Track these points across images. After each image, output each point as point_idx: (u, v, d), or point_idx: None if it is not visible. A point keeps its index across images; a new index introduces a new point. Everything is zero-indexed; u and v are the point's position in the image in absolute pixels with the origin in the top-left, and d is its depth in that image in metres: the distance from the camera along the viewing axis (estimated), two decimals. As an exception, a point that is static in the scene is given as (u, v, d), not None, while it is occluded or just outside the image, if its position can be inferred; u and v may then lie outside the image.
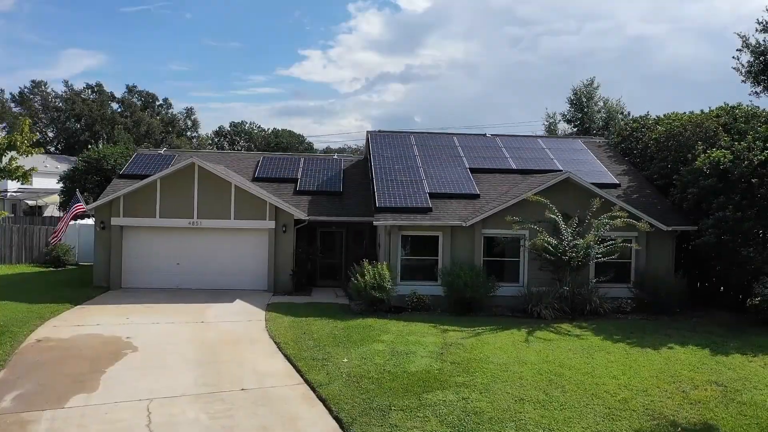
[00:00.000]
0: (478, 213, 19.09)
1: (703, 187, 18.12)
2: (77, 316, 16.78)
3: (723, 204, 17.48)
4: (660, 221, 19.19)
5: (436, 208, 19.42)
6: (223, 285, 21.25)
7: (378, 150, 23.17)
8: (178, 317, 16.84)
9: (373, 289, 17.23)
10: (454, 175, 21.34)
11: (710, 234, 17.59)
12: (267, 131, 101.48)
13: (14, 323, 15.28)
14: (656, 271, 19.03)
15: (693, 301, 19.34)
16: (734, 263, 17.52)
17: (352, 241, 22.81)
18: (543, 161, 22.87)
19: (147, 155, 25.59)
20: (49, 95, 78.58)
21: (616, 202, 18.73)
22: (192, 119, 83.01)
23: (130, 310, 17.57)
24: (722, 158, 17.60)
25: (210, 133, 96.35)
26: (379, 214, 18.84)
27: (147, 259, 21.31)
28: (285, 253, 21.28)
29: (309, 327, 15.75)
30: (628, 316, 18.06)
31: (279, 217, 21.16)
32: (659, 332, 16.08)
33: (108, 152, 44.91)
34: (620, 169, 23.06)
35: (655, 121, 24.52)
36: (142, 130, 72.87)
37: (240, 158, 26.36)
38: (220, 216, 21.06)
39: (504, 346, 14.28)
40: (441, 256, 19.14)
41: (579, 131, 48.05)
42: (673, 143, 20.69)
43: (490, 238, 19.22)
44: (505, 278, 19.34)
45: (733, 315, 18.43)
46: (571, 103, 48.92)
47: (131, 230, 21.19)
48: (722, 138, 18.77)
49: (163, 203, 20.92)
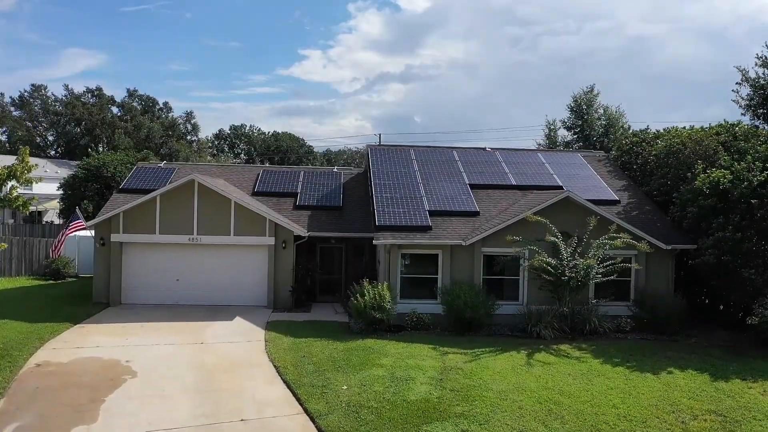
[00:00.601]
0: (477, 231, 19.09)
1: (703, 206, 18.12)
2: (76, 336, 16.77)
3: (723, 224, 17.46)
4: (660, 239, 19.19)
5: (436, 226, 19.41)
6: (223, 301, 21.25)
7: (378, 165, 23.16)
8: (177, 337, 16.83)
9: (372, 310, 17.22)
10: (454, 192, 21.33)
11: (710, 254, 17.58)
12: (267, 134, 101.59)
13: (14, 345, 15.29)
14: (656, 290, 19.02)
15: (693, 318, 19.32)
16: (734, 283, 17.51)
17: (352, 256, 22.80)
18: (543, 177, 22.85)
19: (147, 168, 25.59)
20: (49, 99, 78.69)
21: (615, 221, 18.72)
22: (192, 123, 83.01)
23: (129, 330, 17.56)
24: (722, 178, 17.59)
25: (210, 136, 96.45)
26: (378, 233, 18.83)
27: (147, 275, 21.29)
28: (285, 270, 21.27)
29: (309, 349, 15.74)
30: (627, 336, 18.06)
31: (279, 233, 21.16)
32: (659, 354, 16.07)
33: (108, 159, 44.94)
34: (620, 185, 23.05)
35: (655, 135, 24.52)
36: (142, 135, 72.83)
37: (240, 171, 26.35)
38: (219, 232, 21.05)
39: (503, 371, 14.27)
40: (441, 274, 19.14)
41: (579, 138, 48.12)
42: (672, 160, 20.69)
43: (489, 256, 19.21)
44: (505, 296, 19.34)
45: (732, 334, 18.42)
46: (571, 110, 48.96)
47: (131, 246, 21.18)
48: (722, 157, 18.76)
49: (163, 219, 20.91)
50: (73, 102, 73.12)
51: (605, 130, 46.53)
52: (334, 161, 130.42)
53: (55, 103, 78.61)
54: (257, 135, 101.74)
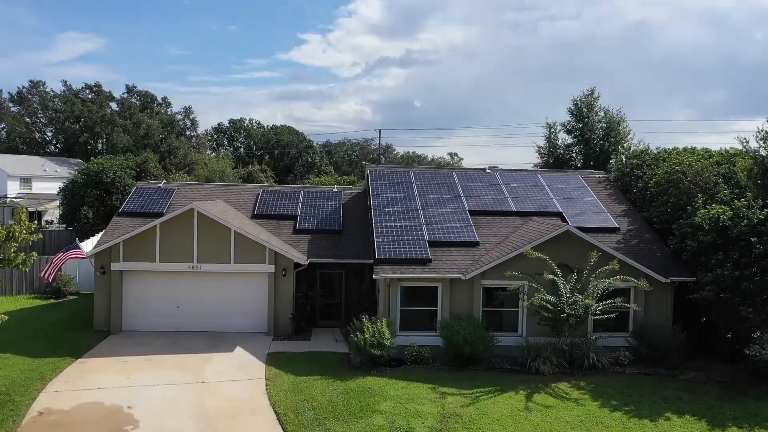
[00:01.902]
0: (477, 263, 19.13)
1: (702, 242, 18.14)
2: (78, 374, 16.87)
3: (722, 261, 17.50)
4: (659, 271, 19.25)
5: (436, 258, 19.44)
6: (224, 327, 21.34)
7: (377, 190, 23.16)
8: (178, 375, 16.92)
9: (372, 347, 17.32)
10: (454, 220, 21.34)
11: (709, 291, 17.63)
12: (266, 128, 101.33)
13: (16, 388, 15.41)
14: (654, 322, 19.12)
15: (693, 348, 19.32)
16: (732, 319, 17.57)
17: (352, 280, 22.85)
18: (543, 202, 22.85)
19: (146, 189, 25.55)
20: (48, 95, 78.35)
21: (616, 256, 18.76)
22: (191, 118, 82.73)
23: (130, 366, 17.65)
24: (722, 215, 17.60)
25: (209, 129, 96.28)
26: (378, 266, 18.88)
27: (147, 302, 21.37)
28: (285, 297, 21.35)
29: (309, 391, 15.83)
30: (625, 369, 18.14)
31: (279, 260, 21.20)
32: (657, 394, 16.17)
33: (107, 165, 44.85)
34: (620, 210, 23.04)
35: (655, 157, 24.47)
36: (142, 132, 72.65)
37: (239, 192, 26.30)
38: (220, 260, 21.09)
39: (502, 418, 14.38)
40: (440, 306, 19.22)
41: (579, 141, 47.98)
42: (673, 190, 20.67)
43: (489, 288, 19.26)
44: (504, 327, 19.43)
45: (731, 366, 18.48)
46: (572, 114, 48.81)
47: (131, 274, 21.24)
48: (722, 191, 18.75)
49: (163, 248, 20.94)
50: (72, 99, 72.79)
51: (605, 133, 46.41)
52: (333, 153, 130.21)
53: (54, 99, 78.30)
54: (256, 128, 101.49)
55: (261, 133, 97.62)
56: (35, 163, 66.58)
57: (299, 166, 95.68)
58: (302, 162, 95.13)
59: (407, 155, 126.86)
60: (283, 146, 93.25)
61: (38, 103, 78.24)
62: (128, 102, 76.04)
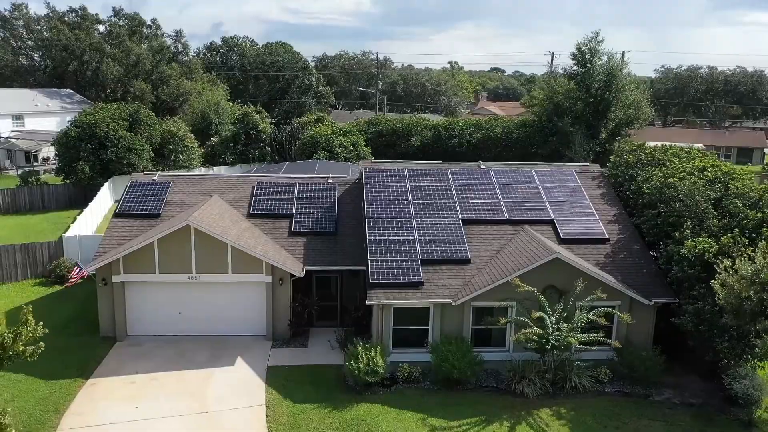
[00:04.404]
0: (467, 287, 19.78)
1: (687, 273, 18.66)
2: (89, 403, 17.92)
3: (704, 295, 18.11)
4: (644, 291, 19.94)
5: (428, 279, 20.03)
6: (224, 331, 22.31)
7: (371, 194, 23.34)
8: (183, 403, 17.99)
9: (366, 375, 18.32)
10: (447, 231, 21.70)
11: (688, 321, 18.39)
12: (260, 46, 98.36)
13: (33, 424, 16.57)
14: (636, 340, 20.02)
15: (673, 357, 20.24)
16: (708, 347, 18.42)
17: (348, 281, 23.51)
18: (535, 208, 23.06)
19: (141, 185, 25.55)
20: (31, 19, 75.38)
21: (602, 280, 19.40)
22: (182, 42, 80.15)
23: (138, 389, 18.72)
24: (707, 250, 17.99)
25: (201, 48, 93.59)
26: (372, 292, 19.54)
27: (150, 308, 22.18)
28: (282, 303, 22.14)
29: (307, 424, 17.07)
30: (605, 388, 19.25)
31: (275, 270, 21.77)
32: (631, 424, 17.39)
33: (100, 117, 44.39)
34: (611, 214, 23.29)
35: (650, 154, 24.43)
36: (132, 61, 70.67)
37: (234, 184, 26.26)
38: (218, 270, 21.67)
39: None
40: (431, 325, 20.07)
41: (580, 87, 47.10)
42: (663, 207, 20.88)
43: (478, 308, 20.00)
44: (492, 343, 20.40)
45: (706, 383, 19.56)
46: (574, 57, 47.62)
47: (133, 284, 21.88)
48: (711, 221, 19.01)
49: (162, 260, 21.43)
50: (58, 27, 70.12)
51: (606, 83, 45.52)
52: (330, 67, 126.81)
53: (38, 21, 75.45)
54: (250, 47, 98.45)
55: (255, 52, 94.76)
56: (26, 97, 65.34)
57: (295, 88, 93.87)
58: (298, 84, 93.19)
59: (405, 73, 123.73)
60: (278, 68, 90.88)
61: (23, 27, 75.49)
62: (116, 28, 73.37)
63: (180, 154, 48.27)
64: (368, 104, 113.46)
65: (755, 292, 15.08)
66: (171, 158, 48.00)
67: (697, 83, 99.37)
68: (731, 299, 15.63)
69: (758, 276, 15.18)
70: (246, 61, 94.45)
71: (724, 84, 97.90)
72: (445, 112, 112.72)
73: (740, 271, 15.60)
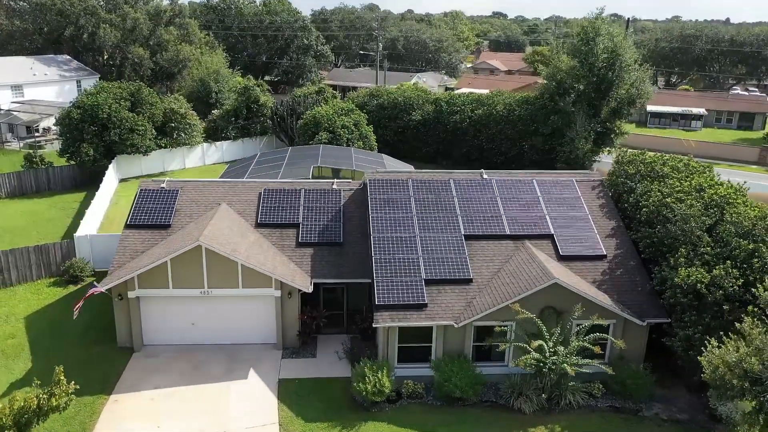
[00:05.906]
0: (469, 308, 20.70)
1: (679, 299, 19.52)
2: (113, 422, 19.08)
3: (695, 322, 19.04)
4: (637, 311, 20.89)
5: (431, 300, 20.90)
6: (237, 340, 23.42)
7: (376, 207, 23.94)
8: (200, 421, 19.15)
9: (374, 395, 19.45)
10: (450, 248, 22.44)
11: (679, 346, 19.38)
12: (257, 4, 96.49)
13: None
14: (629, 356, 21.05)
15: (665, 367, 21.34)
16: (698, 370, 19.45)
17: (354, 290, 24.38)
18: (536, 223, 23.71)
19: (150, 192, 26.06)
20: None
21: (598, 304, 20.28)
22: (179, 5, 78.51)
23: (157, 406, 19.86)
24: (699, 282, 18.80)
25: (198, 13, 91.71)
26: (378, 314, 20.44)
27: (165, 320, 23.17)
28: (291, 316, 23.12)
29: (318, 446, 18.28)
30: (598, 403, 20.44)
31: (284, 285, 22.63)
32: (621, 442, 18.69)
33: (101, 98, 44.34)
34: (609, 228, 23.95)
35: (649, 165, 24.89)
36: (128, 26, 69.52)
37: (240, 190, 26.73)
38: (229, 286, 22.55)
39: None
40: (434, 343, 21.09)
41: (582, 65, 46.78)
42: (660, 228, 21.53)
43: (480, 327, 20.96)
44: (493, 358, 21.46)
45: (693, 397, 20.75)
46: (577, 35, 47.10)
47: (147, 298, 22.78)
48: (705, 249, 19.71)
49: (175, 276, 22.26)
50: (51, -9, 68.63)
51: (610, 62, 45.18)
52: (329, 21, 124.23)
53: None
54: (248, 4, 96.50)
55: (253, 11, 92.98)
56: (23, 66, 64.66)
57: (295, 48, 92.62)
58: (297, 44, 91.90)
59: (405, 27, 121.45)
60: (277, 28, 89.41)
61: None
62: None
63: (182, 132, 48.40)
64: (368, 60, 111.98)
65: (738, 379, 15.46)
66: (173, 136, 48.19)
67: (702, 42, 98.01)
68: (716, 379, 16.26)
69: (740, 366, 15.54)
70: (244, 20, 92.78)
71: (729, 43, 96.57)
72: (446, 69, 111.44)
73: (725, 358, 16.04)
